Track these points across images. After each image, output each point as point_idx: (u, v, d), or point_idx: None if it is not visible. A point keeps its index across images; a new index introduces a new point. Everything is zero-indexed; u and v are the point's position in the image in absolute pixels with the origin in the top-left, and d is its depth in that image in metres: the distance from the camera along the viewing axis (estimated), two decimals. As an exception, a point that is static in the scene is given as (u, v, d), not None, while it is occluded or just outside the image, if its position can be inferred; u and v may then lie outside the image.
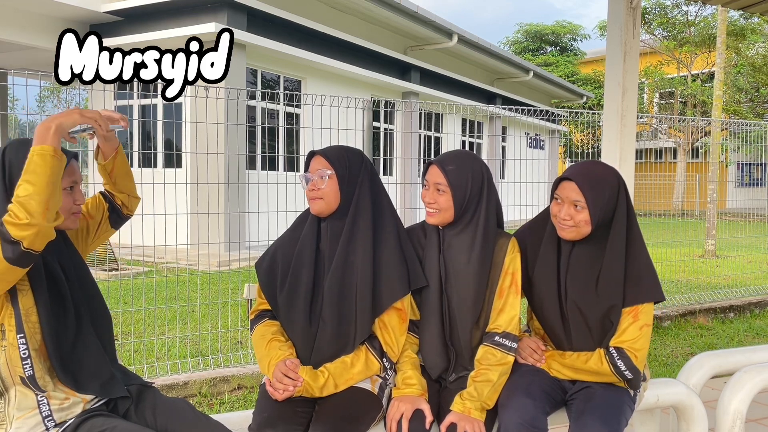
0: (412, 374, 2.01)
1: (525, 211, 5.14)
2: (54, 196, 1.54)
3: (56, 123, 1.58)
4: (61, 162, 1.57)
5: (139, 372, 3.81)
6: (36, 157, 1.53)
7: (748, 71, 21.93)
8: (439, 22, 13.94)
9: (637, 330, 1.98)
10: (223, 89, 4.19)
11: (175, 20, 9.88)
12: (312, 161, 2.05)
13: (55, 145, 1.56)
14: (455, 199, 2.02)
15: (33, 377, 1.67)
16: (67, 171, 1.73)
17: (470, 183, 2.03)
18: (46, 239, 1.56)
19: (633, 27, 3.65)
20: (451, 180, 2.01)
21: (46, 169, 1.52)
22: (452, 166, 2.04)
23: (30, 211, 1.49)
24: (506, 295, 2.04)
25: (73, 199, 1.80)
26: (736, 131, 8.40)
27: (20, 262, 1.53)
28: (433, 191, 2.05)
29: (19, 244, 1.50)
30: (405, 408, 1.90)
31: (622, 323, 2.00)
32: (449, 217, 2.05)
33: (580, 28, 30.64)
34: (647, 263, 2.05)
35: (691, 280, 7.43)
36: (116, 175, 2.00)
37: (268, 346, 2.00)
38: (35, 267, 1.67)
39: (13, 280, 1.59)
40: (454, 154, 2.11)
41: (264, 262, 2.11)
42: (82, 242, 1.96)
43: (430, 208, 2.06)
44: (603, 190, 1.98)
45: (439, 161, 2.06)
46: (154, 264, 6.00)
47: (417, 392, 1.96)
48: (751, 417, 3.07)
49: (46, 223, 1.52)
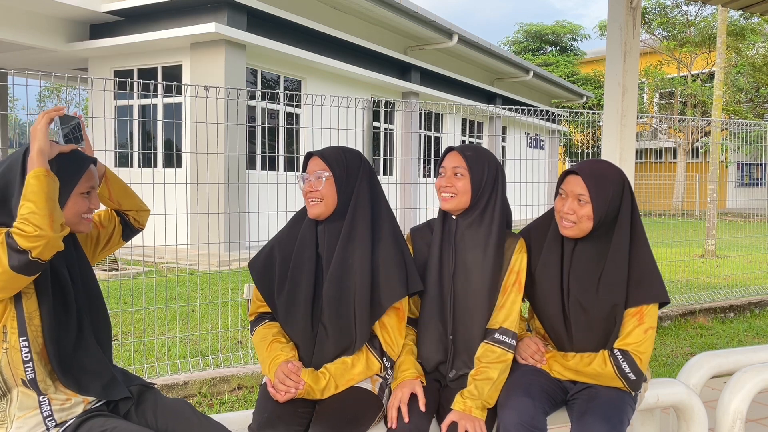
0: (405, 359, 2.04)
1: (525, 211, 5.13)
2: (55, 210, 1.59)
3: (35, 149, 1.64)
4: (55, 181, 1.62)
5: (139, 372, 3.81)
6: (32, 179, 1.59)
7: (748, 71, 21.92)
8: (439, 22, 13.94)
9: (642, 333, 1.98)
10: (223, 89, 4.19)
11: (175, 20, 9.88)
12: (310, 162, 2.05)
13: (45, 167, 1.62)
14: (473, 182, 2.05)
15: (34, 380, 1.67)
16: (86, 176, 1.78)
17: (486, 170, 2.08)
18: (54, 250, 1.60)
19: (633, 27, 3.65)
20: (469, 163, 2.06)
21: (43, 187, 1.58)
22: (471, 153, 2.10)
23: (36, 224, 1.54)
24: (509, 292, 2.05)
25: (89, 203, 1.81)
26: (736, 131, 8.40)
27: (26, 270, 1.56)
28: (450, 175, 2.09)
29: (26, 254, 1.54)
30: (401, 393, 1.92)
31: (627, 325, 2.00)
32: (465, 202, 2.07)
33: (580, 28, 30.64)
34: (651, 264, 2.05)
35: (691, 280, 7.43)
36: (117, 198, 2.01)
37: (270, 347, 2.00)
38: (43, 272, 1.68)
39: (18, 288, 1.61)
40: (473, 146, 2.18)
41: (258, 261, 2.10)
42: (91, 249, 1.98)
43: (447, 192, 2.08)
44: (607, 186, 2.00)
45: (458, 148, 2.13)
46: (154, 264, 6.00)
47: (412, 375, 1.99)
48: (751, 417, 3.07)
49: (54, 234, 1.56)
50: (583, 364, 2.04)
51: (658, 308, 2.03)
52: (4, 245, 1.53)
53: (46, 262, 1.58)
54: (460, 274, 2.07)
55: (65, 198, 1.72)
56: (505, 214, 2.12)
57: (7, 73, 3.86)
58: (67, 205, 1.73)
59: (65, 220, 1.68)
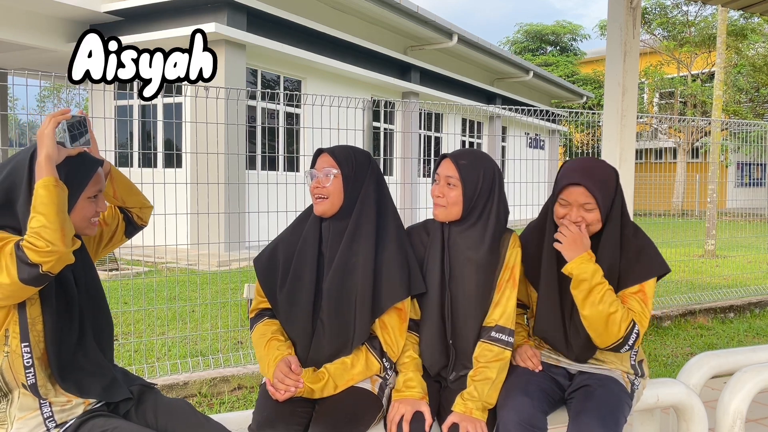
0: (413, 376, 2.01)
1: (525, 211, 5.13)
2: (66, 222, 1.58)
3: (43, 155, 1.61)
4: (64, 191, 1.60)
5: (139, 372, 3.81)
6: (41, 190, 1.57)
7: (748, 71, 21.91)
8: (439, 22, 13.94)
9: (644, 306, 1.98)
10: (223, 89, 4.19)
11: (175, 20, 9.88)
12: (319, 159, 2.04)
13: (54, 175, 1.59)
14: (465, 194, 2.01)
15: (35, 385, 1.67)
16: (94, 179, 1.76)
17: (481, 180, 2.03)
18: (64, 263, 1.59)
19: (633, 27, 3.65)
20: (462, 174, 2.01)
21: (53, 198, 1.56)
22: (465, 161, 2.04)
23: (48, 239, 1.52)
24: (503, 289, 2.04)
25: (96, 207, 1.80)
26: (736, 131, 8.40)
27: (35, 283, 1.55)
28: (443, 185, 2.04)
29: (37, 267, 1.53)
30: (405, 410, 1.90)
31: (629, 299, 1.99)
32: (456, 213, 2.04)
33: (580, 28, 30.63)
34: (643, 239, 2.06)
35: (691, 280, 7.43)
36: (121, 195, 2.00)
37: (268, 345, 2.00)
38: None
39: (23, 297, 1.60)
40: (469, 151, 2.12)
41: (263, 257, 2.10)
42: (93, 247, 1.97)
43: (439, 202, 2.05)
44: (608, 188, 2.01)
45: (453, 155, 2.06)
46: (154, 264, 6.00)
47: (417, 395, 1.96)
48: (751, 417, 3.07)
49: (65, 249, 1.56)
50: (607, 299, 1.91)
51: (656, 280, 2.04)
52: (13, 257, 1.52)
53: (55, 274, 1.58)
54: (456, 278, 2.05)
55: (73, 202, 1.70)
56: (501, 218, 2.08)
57: (7, 73, 3.86)
58: (75, 209, 1.71)
59: (73, 224, 1.66)
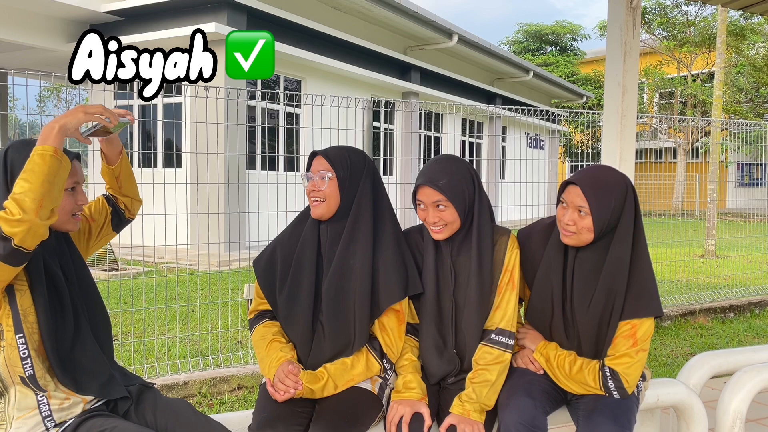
0: (413, 378, 2.01)
1: (525, 211, 5.13)
2: (50, 194, 1.54)
3: (60, 123, 1.59)
4: (62, 162, 1.57)
5: (139, 372, 3.81)
6: (36, 156, 1.54)
7: (749, 71, 21.92)
8: (439, 22, 13.94)
9: (634, 355, 1.95)
10: (223, 89, 4.19)
11: (175, 20, 9.88)
12: (314, 161, 2.04)
13: (57, 145, 1.57)
14: (458, 209, 1.99)
15: (33, 377, 1.67)
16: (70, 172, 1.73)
17: (466, 189, 2.02)
18: (38, 238, 1.55)
19: (633, 27, 3.65)
20: (449, 195, 1.98)
21: (44, 167, 1.53)
22: (444, 180, 1.99)
23: (23, 208, 1.50)
24: (503, 292, 2.03)
25: (75, 200, 1.79)
26: (736, 131, 8.40)
27: (11, 259, 1.53)
28: (433, 210, 2.00)
29: (10, 241, 1.50)
30: (404, 411, 1.90)
31: (619, 343, 1.96)
32: (456, 227, 2.03)
33: (580, 28, 30.62)
34: (650, 278, 2.00)
35: (691, 280, 7.42)
36: (122, 179, 2.00)
37: (269, 347, 2.00)
38: (35, 268, 1.67)
39: (5, 279, 1.59)
40: (438, 167, 2.04)
41: (262, 259, 2.10)
42: (83, 244, 1.96)
43: (436, 227, 2.02)
44: (609, 198, 1.92)
45: (428, 180, 2.00)
46: (154, 264, 6.00)
47: (417, 396, 1.96)
48: (751, 417, 3.07)
49: (38, 220, 1.52)
50: (576, 368, 2.01)
51: (653, 324, 1.99)
52: None
53: (31, 251, 1.55)
54: (462, 286, 2.04)
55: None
56: (487, 214, 2.07)
57: (7, 73, 3.86)
58: None
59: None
